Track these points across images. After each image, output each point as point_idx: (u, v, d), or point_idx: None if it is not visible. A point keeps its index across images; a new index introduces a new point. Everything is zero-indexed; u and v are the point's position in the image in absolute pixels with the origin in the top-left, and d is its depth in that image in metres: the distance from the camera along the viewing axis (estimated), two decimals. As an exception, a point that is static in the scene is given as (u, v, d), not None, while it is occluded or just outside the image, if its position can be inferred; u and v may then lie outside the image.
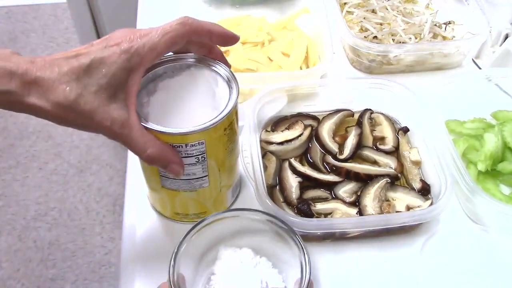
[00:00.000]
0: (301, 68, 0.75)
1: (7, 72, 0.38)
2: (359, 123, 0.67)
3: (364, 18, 0.82)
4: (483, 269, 0.56)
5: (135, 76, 0.44)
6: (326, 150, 0.64)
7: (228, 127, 0.49)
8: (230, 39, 0.50)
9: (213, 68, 0.51)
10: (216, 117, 0.47)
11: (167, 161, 0.46)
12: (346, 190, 0.61)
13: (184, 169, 0.49)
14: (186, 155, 0.48)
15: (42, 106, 0.39)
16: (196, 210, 0.57)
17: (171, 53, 0.51)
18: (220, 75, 0.50)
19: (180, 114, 0.48)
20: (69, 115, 0.41)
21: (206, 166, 0.51)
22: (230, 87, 0.49)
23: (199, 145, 0.48)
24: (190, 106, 0.49)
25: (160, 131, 0.46)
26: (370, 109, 0.68)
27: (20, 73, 0.39)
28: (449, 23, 0.82)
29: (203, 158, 0.49)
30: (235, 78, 0.50)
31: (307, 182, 0.61)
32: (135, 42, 0.43)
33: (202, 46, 0.50)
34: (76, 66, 0.40)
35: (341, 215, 0.58)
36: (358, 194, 0.60)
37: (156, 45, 0.44)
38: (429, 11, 0.84)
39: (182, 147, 0.47)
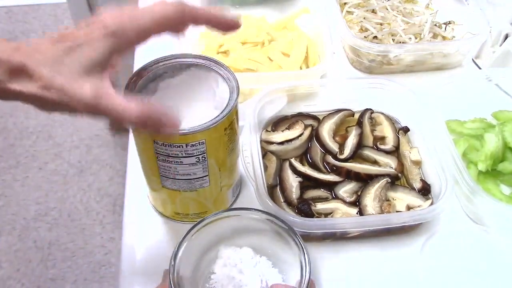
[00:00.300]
0: (301, 68, 0.75)
1: None
2: (360, 123, 0.67)
3: (364, 18, 0.82)
4: (483, 269, 0.56)
5: (117, 57, 0.42)
6: (327, 150, 0.64)
7: (228, 127, 0.49)
8: (230, 26, 0.46)
9: (214, 68, 0.51)
10: (216, 117, 0.47)
11: (159, 116, 0.43)
12: (346, 190, 0.61)
13: (185, 166, 0.49)
14: (187, 155, 0.48)
15: (25, 91, 0.39)
16: (197, 209, 0.57)
17: (171, 53, 0.51)
18: (220, 75, 0.50)
19: (181, 114, 0.48)
20: (47, 95, 0.40)
21: (207, 166, 0.51)
22: (230, 86, 0.49)
23: (199, 145, 0.48)
24: (191, 106, 0.49)
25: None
26: (370, 109, 0.68)
27: (4, 60, 0.39)
28: (449, 23, 0.82)
29: (203, 158, 0.49)
30: (235, 78, 0.50)
31: (307, 182, 0.61)
32: (122, 24, 0.41)
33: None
34: (60, 49, 0.40)
35: (341, 215, 0.58)
36: (359, 194, 0.60)
37: (143, 29, 0.42)
38: (429, 11, 0.84)
39: (182, 147, 0.47)
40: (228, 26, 0.46)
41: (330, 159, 0.63)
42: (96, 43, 0.41)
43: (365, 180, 0.61)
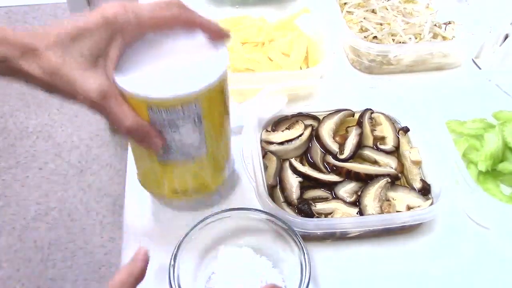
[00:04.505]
0: (301, 68, 0.75)
1: (3, 40, 0.42)
2: (360, 123, 0.67)
3: (364, 18, 0.82)
4: (483, 269, 0.56)
5: (115, 46, 0.45)
6: (327, 150, 0.64)
7: (221, 90, 0.48)
8: (220, 36, 0.49)
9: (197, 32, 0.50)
10: (210, 78, 0.46)
11: (145, 131, 0.47)
12: (346, 190, 0.61)
13: (182, 137, 0.48)
14: (183, 119, 0.47)
15: (32, 72, 0.42)
16: (195, 183, 0.55)
17: None
18: (207, 38, 0.49)
19: (167, 75, 0.47)
20: (54, 81, 0.43)
21: (203, 130, 0.49)
22: (217, 48, 0.49)
23: (195, 107, 0.46)
24: (177, 67, 0.47)
25: (155, 98, 0.45)
26: (370, 109, 0.68)
27: (18, 40, 0.42)
28: (449, 23, 0.82)
29: (199, 121, 0.48)
30: (224, 44, 0.49)
31: (307, 182, 0.61)
32: (120, 15, 0.44)
33: None
34: (63, 34, 0.43)
35: (341, 215, 0.58)
36: (359, 194, 0.60)
37: (141, 24, 0.45)
38: (429, 11, 0.84)
39: (178, 110, 0.46)
40: (218, 35, 0.49)
41: (330, 159, 0.63)
42: (95, 31, 0.43)
43: (365, 180, 0.61)
